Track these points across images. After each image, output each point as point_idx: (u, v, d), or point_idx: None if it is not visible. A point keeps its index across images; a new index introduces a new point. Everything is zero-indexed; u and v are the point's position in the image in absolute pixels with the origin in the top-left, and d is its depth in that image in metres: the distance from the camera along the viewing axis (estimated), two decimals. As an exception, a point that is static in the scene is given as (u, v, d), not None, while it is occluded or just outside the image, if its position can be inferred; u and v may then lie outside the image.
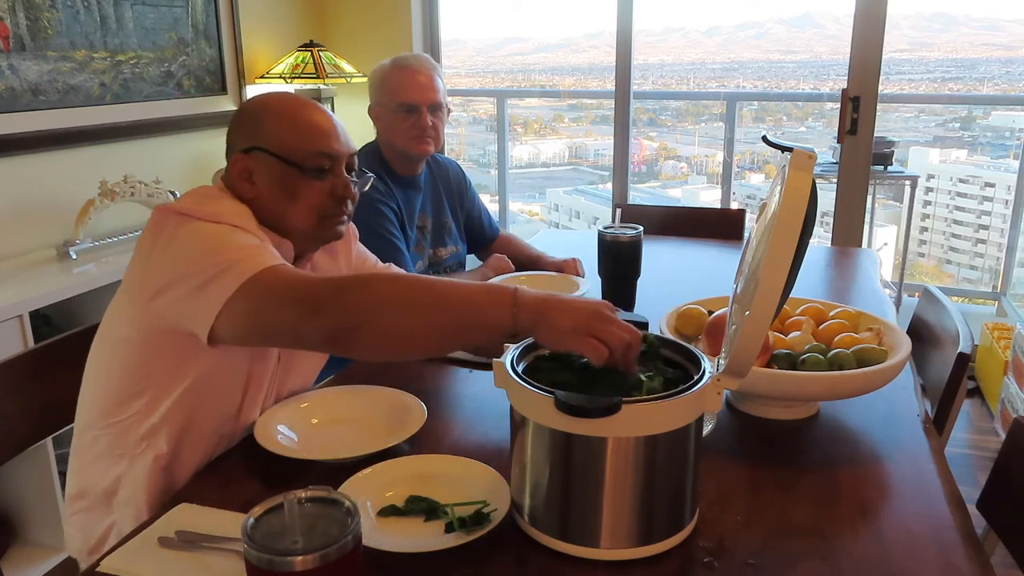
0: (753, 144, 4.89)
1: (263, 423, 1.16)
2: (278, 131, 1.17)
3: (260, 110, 1.20)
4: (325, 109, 1.23)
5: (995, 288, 4.02)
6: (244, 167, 1.17)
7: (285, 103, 1.20)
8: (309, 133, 1.17)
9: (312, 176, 1.17)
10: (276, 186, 1.17)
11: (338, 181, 1.20)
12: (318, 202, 1.18)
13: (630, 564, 0.88)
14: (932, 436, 1.19)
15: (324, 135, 1.18)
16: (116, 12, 2.62)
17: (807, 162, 0.78)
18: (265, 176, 1.17)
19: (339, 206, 1.21)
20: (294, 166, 1.16)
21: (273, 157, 1.16)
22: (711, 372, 0.90)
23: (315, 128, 1.18)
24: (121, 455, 1.15)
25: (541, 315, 0.92)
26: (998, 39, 5.42)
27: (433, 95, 1.90)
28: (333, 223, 1.22)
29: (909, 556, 0.90)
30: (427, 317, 0.97)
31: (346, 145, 1.21)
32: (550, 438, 0.87)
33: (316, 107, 1.21)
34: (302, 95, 1.23)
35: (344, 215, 1.23)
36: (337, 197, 1.20)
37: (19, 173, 2.34)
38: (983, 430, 2.95)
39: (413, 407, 1.21)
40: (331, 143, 1.19)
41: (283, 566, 0.67)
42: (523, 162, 6.19)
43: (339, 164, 1.20)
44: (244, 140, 1.18)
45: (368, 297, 0.97)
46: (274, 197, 1.17)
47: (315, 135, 1.18)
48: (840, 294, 1.92)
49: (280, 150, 1.16)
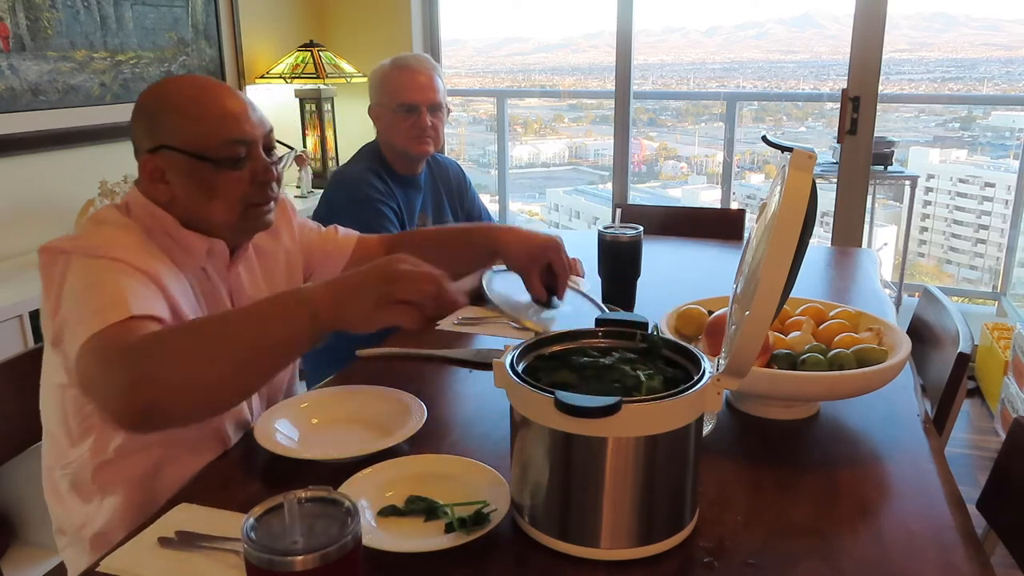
0: (753, 144, 4.89)
1: (263, 423, 1.16)
2: (181, 124, 1.07)
3: (158, 103, 1.09)
4: (231, 89, 1.13)
5: (995, 288, 4.02)
6: (154, 167, 1.09)
7: (184, 91, 1.09)
8: (215, 121, 1.07)
9: (227, 167, 1.08)
10: (191, 184, 1.08)
11: (257, 165, 1.11)
12: (240, 193, 1.10)
13: (630, 564, 0.88)
14: (932, 436, 1.19)
15: (233, 120, 1.08)
16: (116, 12, 2.62)
17: (807, 162, 0.78)
18: (177, 175, 1.08)
19: (263, 192, 1.12)
20: (206, 160, 1.07)
21: (181, 154, 1.07)
22: (711, 372, 0.90)
23: (221, 114, 1.08)
24: (86, 495, 1.14)
25: (339, 305, 0.87)
26: (998, 39, 5.42)
27: (433, 95, 1.90)
28: (259, 213, 1.14)
29: (909, 556, 0.90)
30: (221, 352, 0.87)
31: (260, 124, 1.12)
32: (550, 438, 0.87)
33: (219, 89, 1.11)
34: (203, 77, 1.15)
35: (270, 201, 1.14)
36: (259, 183, 1.11)
37: (19, 173, 2.34)
38: (983, 430, 2.95)
39: (413, 407, 1.21)
40: (242, 127, 1.09)
41: (283, 566, 0.67)
42: (523, 162, 6.19)
43: (255, 148, 1.11)
44: (148, 139, 1.09)
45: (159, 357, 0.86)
46: (191, 196, 1.09)
47: (222, 122, 1.07)
48: (840, 294, 1.92)
49: (187, 145, 1.06)
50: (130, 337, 0.89)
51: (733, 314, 0.99)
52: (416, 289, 0.87)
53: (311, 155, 3.41)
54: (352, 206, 1.84)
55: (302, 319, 0.88)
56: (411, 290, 0.87)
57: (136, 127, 1.11)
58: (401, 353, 1.51)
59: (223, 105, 1.08)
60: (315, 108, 3.39)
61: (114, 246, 1.02)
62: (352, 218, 1.82)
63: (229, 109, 1.08)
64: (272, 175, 1.12)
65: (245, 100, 1.12)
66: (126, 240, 1.05)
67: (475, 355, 1.49)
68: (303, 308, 0.88)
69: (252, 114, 1.11)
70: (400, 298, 0.87)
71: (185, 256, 1.12)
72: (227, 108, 1.08)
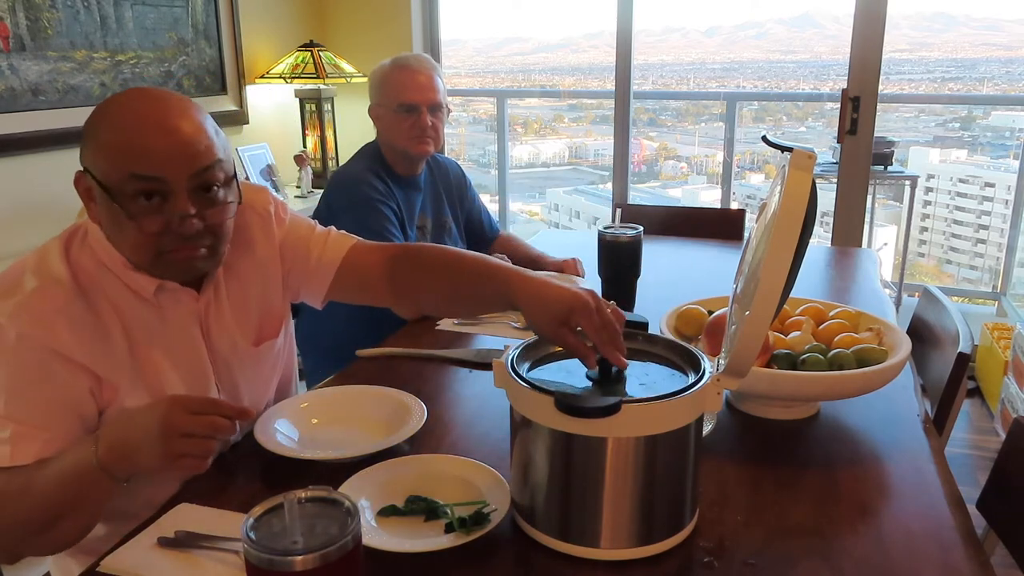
0: (753, 144, 4.89)
1: (263, 423, 1.16)
2: (98, 148, 0.96)
3: (93, 120, 0.98)
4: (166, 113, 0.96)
5: (995, 288, 4.02)
6: (84, 186, 1.00)
7: (117, 111, 0.96)
8: (126, 149, 0.94)
9: (131, 208, 0.95)
10: (106, 216, 0.98)
11: (172, 213, 0.96)
12: (145, 239, 0.97)
13: (630, 564, 0.88)
14: (932, 436, 1.19)
15: (143, 154, 0.93)
16: (116, 12, 2.62)
17: (807, 162, 0.78)
18: (97, 201, 0.98)
19: (178, 243, 0.98)
20: (109, 193, 0.95)
21: (94, 180, 0.97)
22: (711, 372, 0.90)
23: (131, 146, 0.93)
24: None
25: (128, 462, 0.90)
26: (998, 39, 5.42)
27: (433, 95, 1.90)
28: (177, 261, 1.01)
29: (909, 556, 0.90)
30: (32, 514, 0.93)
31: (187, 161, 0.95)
32: (550, 438, 0.87)
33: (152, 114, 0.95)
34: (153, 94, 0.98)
35: (195, 250, 1.00)
36: (173, 235, 0.97)
37: (19, 173, 2.34)
38: (983, 430, 2.95)
39: (413, 407, 1.21)
40: (153, 165, 0.94)
41: (283, 566, 0.67)
42: (523, 162, 6.19)
43: (173, 191, 0.96)
44: (81, 154, 0.99)
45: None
46: (108, 228, 1.00)
47: (130, 155, 0.94)
48: (840, 294, 1.92)
49: (98, 173, 0.96)
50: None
51: (733, 314, 0.99)
52: (196, 444, 0.88)
53: (311, 155, 3.41)
54: (352, 206, 1.84)
55: (94, 474, 0.91)
56: (186, 445, 0.87)
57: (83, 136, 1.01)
58: (401, 353, 1.51)
59: (140, 134, 0.94)
60: (315, 108, 3.39)
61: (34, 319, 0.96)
62: (352, 218, 1.82)
63: (145, 141, 0.94)
64: (190, 227, 0.97)
65: (177, 131, 0.95)
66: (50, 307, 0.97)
67: (475, 355, 1.49)
68: (92, 466, 0.90)
69: (179, 145, 0.95)
70: (180, 452, 0.88)
71: (132, 296, 1.05)
72: (143, 139, 0.94)
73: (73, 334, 0.98)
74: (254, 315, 1.19)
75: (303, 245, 1.25)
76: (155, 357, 1.07)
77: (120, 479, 0.92)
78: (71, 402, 1.00)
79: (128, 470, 0.92)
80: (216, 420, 0.89)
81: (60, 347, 0.97)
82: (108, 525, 1.11)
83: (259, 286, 1.20)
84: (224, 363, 1.16)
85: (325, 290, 1.27)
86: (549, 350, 0.99)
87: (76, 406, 1.00)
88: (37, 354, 0.96)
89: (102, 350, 1.01)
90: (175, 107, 0.98)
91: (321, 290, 1.27)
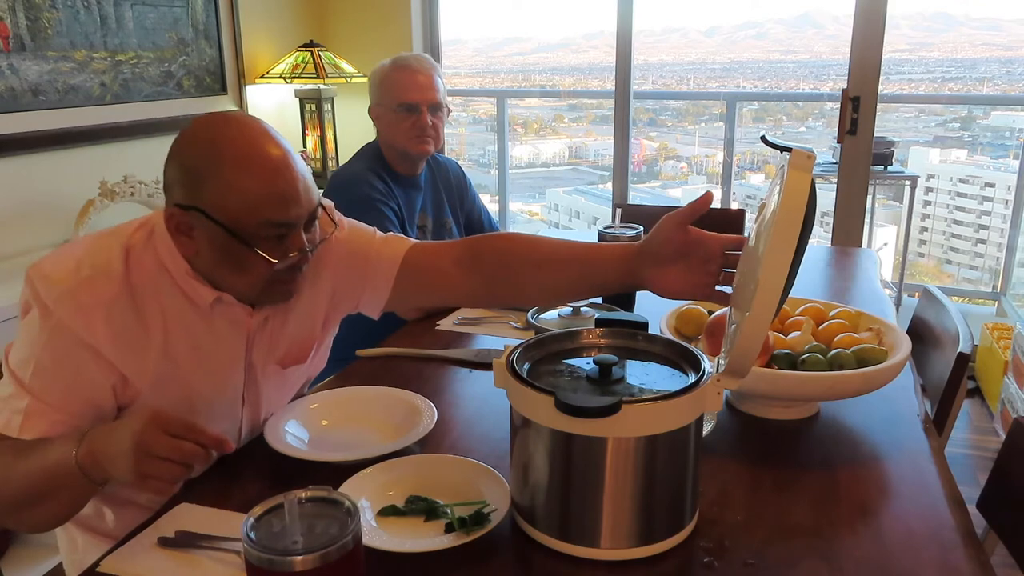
0: (753, 144, 4.89)
1: (273, 424, 1.16)
2: (225, 194, 0.97)
3: (204, 159, 0.98)
4: (286, 156, 1.00)
5: (995, 288, 4.02)
6: (182, 222, 1.00)
7: (235, 155, 0.97)
8: (261, 199, 0.97)
9: (261, 250, 1.00)
10: (217, 253, 1.01)
11: (291, 250, 1.02)
12: (266, 273, 1.02)
13: (630, 564, 0.88)
14: (932, 436, 1.19)
15: (280, 201, 0.98)
16: (116, 12, 2.62)
17: (806, 162, 0.78)
18: (205, 238, 1.00)
19: (291, 274, 1.06)
20: (238, 237, 0.98)
21: (214, 223, 0.98)
22: (711, 372, 0.90)
23: (269, 192, 0.98)
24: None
25: (104, 470, 0.92)
26: (998, 39, 5.42)
27: (433, 95, 1.90)
28: (280, 289, 1.07)
29: (909, 556, 0.90)
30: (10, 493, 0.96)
31: (307, 204, 1.02)
32: (550, 438, 0.87)
33: (274, 158, 0.99)
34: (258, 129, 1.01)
35: (297, 280, 1.08)
36: (290, 267, 1.04)
37: (19, 173, 2.34)
38: (983, 430, 2.95)
39: (423, 408, 1.20)
40: (287, 210, 0.99)
41: (283, 566, 0.67)
42: (523, 162, 6.19)
43: (296, 230, 1.02)
44: (182, 193, 0.99)
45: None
46: (214, 262, 1.02)
47: (267, 202, 0.98)
48: (840, 294, 1.92)
49: (225, 218, 0.97)
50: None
51: (733, 314, 0.99)
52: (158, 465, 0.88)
53: (311, 155, 3.41)
54: (352, 206, 1.83)
55: (72, 472, 0.92)
56: (153, 466, 0.88)
57: (172, 172, 1.01)
58: (401, 353, 1.51)
59: (275, 183, 0.98)
60: (315, 108, 3.39)
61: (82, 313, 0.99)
62: (352, 218, 1.83)
63: (280, 189, 0.98)
64: (306, 259, 1.05)
65: (298, 173, 1.01)
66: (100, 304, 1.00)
67: (475, 355, 1.49)
68: (71, 465, 0.92)
69: (303, 193, 1.01)
70: (147, 473, 0.88)
71: (186, 302, 1.06)
72: (278, 187, 0.98)
73: (110, 331, 1.00)
74: (287, 340, 1.19)
75: (362, 255, 1.23)
76: (190, 365, 1.08)
77: (96, 483, 0.94)
78: (92, 394, 1.01)
79: (102, 476, 0.93)
80: (189, 447, 0.89)
81: (94, 342, 0.99)
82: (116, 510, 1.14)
83: (301, 312, 1.19)
84: (254, 379, 1.17)
85: (386, 296, 1.23)
86: (549, 350, 0.99)
87: (96, 398, 1.02)
88: (71, 343, 0.99)
89: (135, 351, 1.03)
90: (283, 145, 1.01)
91: (383, 297, 1.24)
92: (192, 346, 1.08)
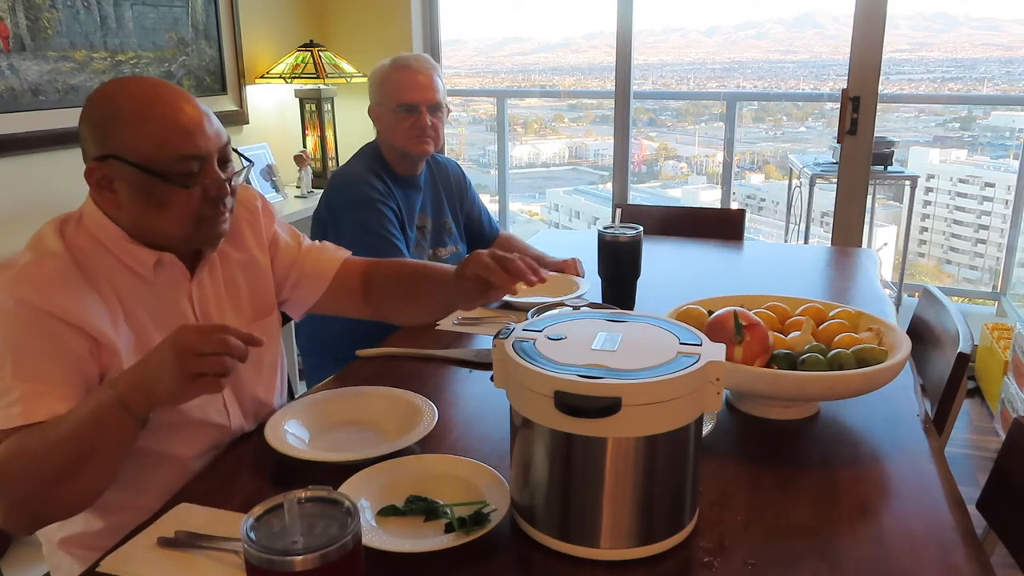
0: (753, 144, 4.90)
1: (274, 424, 1.16)
2: (131, 135, 1.02)
3: (108, 110, 1.05)
4: (186, 97, 1.06)
5: (995, 288, 4.02)
6: (101, 176, 1.05)
7: (135, 98, 1.04)
8: (167, 134, 1.03)
9: (178, 183, 1.04)
10: (139, 196, 1.05)
11: (209, 181, 1.06)
12: (190, 209, 1.06)
13: (630, 564, 0.88)
14: (932, 436, 1.19)
15: (186, 133, 1.03)
16: (116, 12, 2.62)
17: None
18: (125, 185, 1.04)
19: (215, 208, 1.09)
20: (155, 175, 1.03)
21: (130, 166, 1.03)
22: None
23: (174, 126, 1.03)
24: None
25: (145, 393, 0.92)
26: (998, 39, 5.42)
27: (432, 95, 1.90)
28: (210, 226, 1.10)
29: (909, 556, 0.90)
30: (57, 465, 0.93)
31: (215, 137, 1.07)
32: (550, 438, 0.87)
33: (173, 98, 1.05)
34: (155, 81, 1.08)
35: (223, 214, 1.11)
36: (211, 199, 1.08)
37: (19, 173, 2.34)
38: (983, 430, 2.95)
39: (424, 409, 1.20)
40: (195, 141, 1.04)
41: (283, 566, 0.67)
42: (523, 162, 6.19)
43: (209, 162, 1.06)
44: (95, 146, 1.05)
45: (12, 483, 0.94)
46: (139, 208, 1.06)
47: (174, 135, 1.03)
48: (840, 294, 1.92)
49: (136, 158, 1.02)
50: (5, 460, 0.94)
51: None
52: (211, 362, 0.89)
53: (311, 155, 3.41)
54: (352, 206, 1.84)
55: (115, 414, 0.93)
56: (206, 362, 0.89)
57: (83, 131, 1.07)
58: (401, 353, 1.51)
59: (176, 117, 1.03)
60: (315, 108, 3.39)
61: (37, 287, 1.01)
62: (352, 218, 1.83)
63: (182, 122, 1.04)
64: (225, 191, 1.09)
65: (201, 110, 1.07)
66: (52, 276, 1.03)
67: (475, 355, 1.49)
68: (113, 405, 0.92)
69: (208, 127, 1.06)
70: (196, 371, 0.89)
71: (128, 275, 1.10)
72: (180, 121, 1.03)
73: (70, 297, 1.02)
74: (246, 298, 1.25)
75: (296, 253, 1.34)
76: (148, 330, 1.10)
77: (140, 416, 0.93)
78: (73, 360, 1.02)
79: (147, 403, 0.93)
80: (226, 337, 0.91)
81: (57, 310, 1.00)
82: (106, 519, 1.12)
83: (249, 272, 1.27)
84: None
85: (314, 300, 1.36)
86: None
87: (78, 364, 1.02)
88: (36, 316, 0.99)
89: (99, 316, 1.04)
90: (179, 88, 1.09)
91: (310, 300, 1.36)
92: (148, 313, 1.11)
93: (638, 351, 0.91)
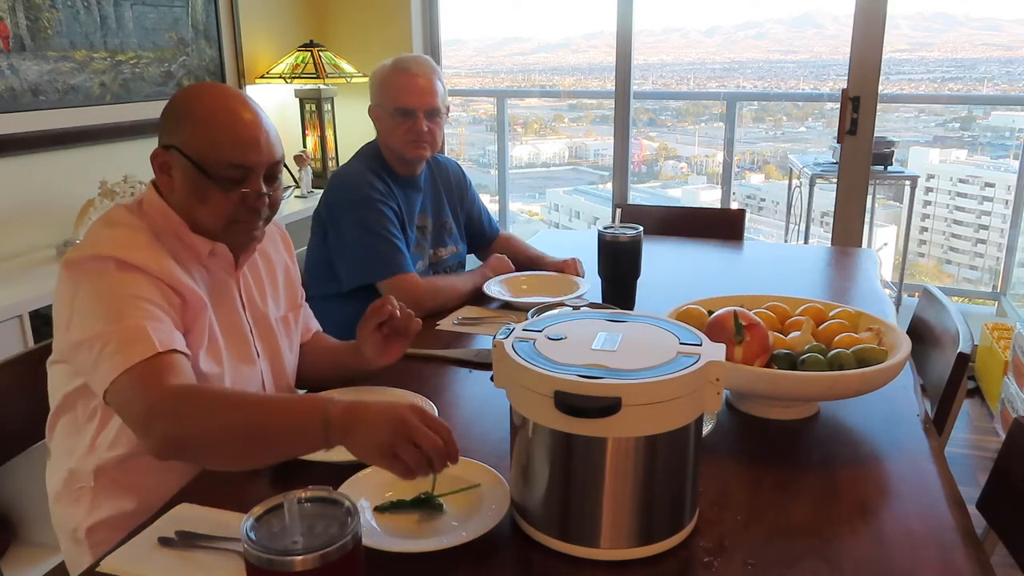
0: (753, 144, 4.90)
1: None
2: (194, 134, 1.14)
3: (184, 107, 1.17)
4: (255, 114, 1.18)
5: (995, 288, 4.02)
6: (163, 161, 1.17)
7: (209, 104, 1.16)
8: (224, 142, 1.14)
9: (221, 186, 1.15)
10: (187, 186, 1.16)
11: (250, 192, 1.17)
12: (226, 210, 1.17)
13: (630, 564, 0.88)
14: (932, 436, 1.19)
15: (240, 146, 1.14)
16: (116, 12, 2.62)
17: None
18: (180, 174, 1.16)
19: (249, 215, 1.19)
20: (204, 173, 1.14)
21: (186, 159, 1.14)
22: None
23: (232, 137, 1.14)
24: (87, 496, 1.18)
25: (351, 433, 0.92)
26: (998, 39, 5.42)
27: (431, 100, 1.89)
28: (242, 228, 1.20)
29: (909, 556, 0.90)
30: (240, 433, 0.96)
31: (267, 154, 1.17)
32: (550, 438, 0.87)
33: (241, 111, 1.16)
34: (235, 93, 1.21)
35: (256, 223, 1.21)
36: (248, 208, 1.18)
37: (19, 173, 2.34)
38: (983, 430, 2.95)
39: (424, 409, 1.20)
40: (247, 155, 1.15)
41: (283, 566, 0.67)
42: (523, 162, 6.19)
43: (254, 175, 1.17)
44: (166, 135, 1.17)
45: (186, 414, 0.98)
46: (186, 195, 1.17)
47: (230, 145, 1.14)
48: (840, 294, 1.92)
49: (193, 154, 1.14)
50: (160, 383, 1.00)
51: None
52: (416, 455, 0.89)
53: (311, 155, 3.41)
54: (352, 206, 1.83)
55: (316, 430, 0.93)
56: (413, 453, 0.89)
57: (163, 119, 1.18)
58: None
59: (235, 128, 1.14)
60: (315, 108, 3.39)
61: (123, 247, 1.10)
62: (352, 218, 1.82)
63: (240, 134, 1.14)
64: (262, 203, 1.19)
65: (263, 127, 1.17)
66: (135, 240, 1.13)
67: (475, 355, 1.49)
68: (320, 422, 0.93)
69: (263, 143, 1.16)
70: (399, 454, 0.89)
71: (189, 257, 1.19)
72: (238, 132, 1.14)
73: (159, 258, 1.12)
74: (282, 291, 1.39)
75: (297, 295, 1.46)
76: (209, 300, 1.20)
77: (329, 441, 0.93)
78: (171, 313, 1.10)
79: (342, 438, 0.93)
80: (441, 445, 0.89)
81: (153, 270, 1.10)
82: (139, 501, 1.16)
83: (284, 271, 1.41)
84: (264, 329, 1.32)
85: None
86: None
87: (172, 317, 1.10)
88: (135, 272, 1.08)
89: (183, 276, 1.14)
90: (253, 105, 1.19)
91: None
92: (205, 291, 1.20)
93: (638, 351, 0.91)
